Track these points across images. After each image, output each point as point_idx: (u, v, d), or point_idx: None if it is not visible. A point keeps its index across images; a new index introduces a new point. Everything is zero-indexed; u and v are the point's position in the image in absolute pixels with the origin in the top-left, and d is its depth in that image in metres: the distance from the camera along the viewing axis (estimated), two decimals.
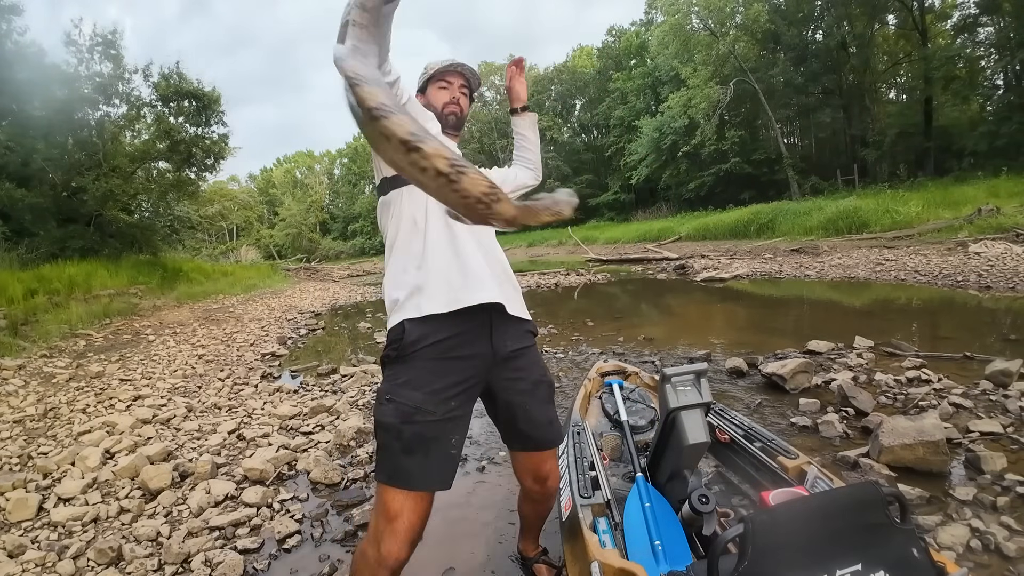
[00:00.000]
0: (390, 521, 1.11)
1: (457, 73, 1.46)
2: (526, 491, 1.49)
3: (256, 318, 8.47)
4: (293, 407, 3.43)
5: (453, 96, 1.45)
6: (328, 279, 18.75)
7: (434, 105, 1.43)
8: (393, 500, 1.11)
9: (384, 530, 1.11)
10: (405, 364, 1.15)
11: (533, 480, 1.42)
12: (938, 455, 2.07)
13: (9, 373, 4.72)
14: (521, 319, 1.30)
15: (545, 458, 1.39)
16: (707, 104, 23.07)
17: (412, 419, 1.11)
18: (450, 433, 1.15)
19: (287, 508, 2.20)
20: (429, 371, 1.14)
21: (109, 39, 12.42)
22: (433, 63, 1.48)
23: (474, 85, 1.50)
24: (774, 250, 13.02)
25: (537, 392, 1.33)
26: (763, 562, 0.87)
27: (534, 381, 1.33)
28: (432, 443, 1.12)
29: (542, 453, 1.38)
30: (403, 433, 1.11)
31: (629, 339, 5.05)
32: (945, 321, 5.14)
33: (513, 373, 1.28)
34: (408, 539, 1.12)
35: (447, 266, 1.20)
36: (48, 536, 2.06)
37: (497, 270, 1.28)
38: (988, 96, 20.53)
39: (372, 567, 1.13)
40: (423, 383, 1.13)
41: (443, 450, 1.14)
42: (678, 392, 1.44)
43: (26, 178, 11.06)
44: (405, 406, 1.12)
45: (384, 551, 1.10)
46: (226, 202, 33.49)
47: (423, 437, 1.11)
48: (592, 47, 39.99)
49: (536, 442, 1.36)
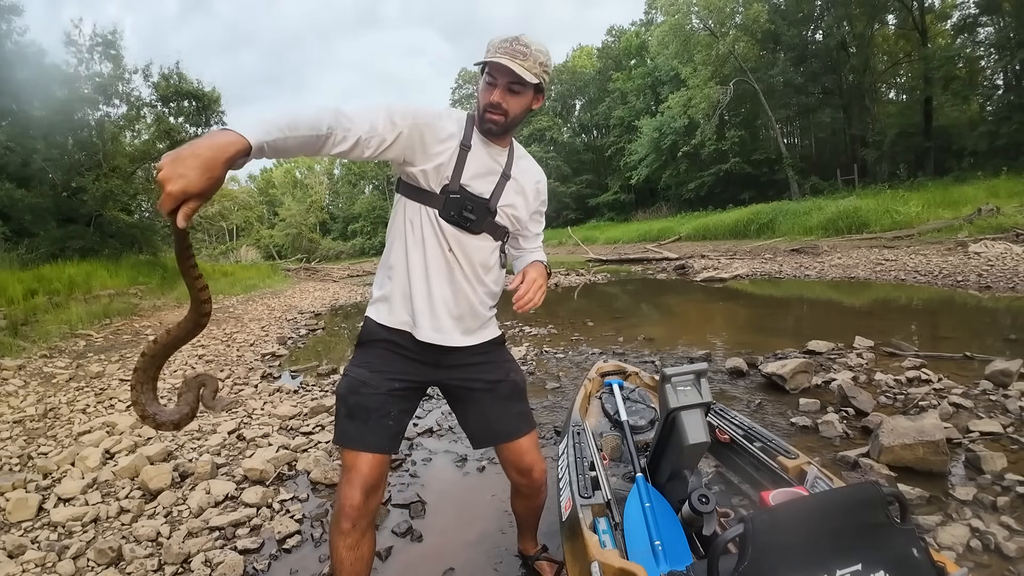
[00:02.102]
0: (345, 472, 1.26)
1: (505, 68, 1.15)
2: (514, 485, 1.53)
3: (256, 318, 8.47)
4: (293, 407, 3.43)
5: (494, 99, 1.19)
6: (328, 279, 18.74)
7: (479, 102, 1.23)
8: (345, 456, 1.28)
9: (343, 481, 1.25)
10: (363, 349, 1.33)
11: (517, 473, 1.45)
12: (938, 455, 2.07)
13: (9, 373, 4.72)
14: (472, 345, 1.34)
15: (524, 450, 1.42)
16: (707, 104, 23.08)
17: (357, 391, 1.27)
18: (390, 407, 1.28)
19: (287, 508, 2.20)
20: (379, 357, 1.31)
21: (109, 39, 12.43)
22: (494, 39, 1.19)
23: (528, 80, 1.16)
24: (774, 250, 13.02)
25: (497, 390, 1.38)
26: (763, 562, 0.87)
27: (492, 381, 1.37)
28: (372, 412, 1.26)
29: (519, 444, 1.41)
30: (348, 401, 1.28)
31: (629, 339, 5.05)
32: (945, 321, 5.14)
33: (464, 373, 1.36)
34: (361, 486, 1.22)
35: (413, 293, 1.27)
36: (48, 536, 2.06)
37: (463, 309, 1.30)
38: (988, 96, 20.54)
39: (335, 519, 1.25)
40: (372, 365, 1.29)
41: (382, 421, 1.27)
42: (678, 392, 1.44)
43: (26, 178, 11.05)
44: (354, 380, 1.29)
45: (343, 498, 1.23)
46: (226, 202, 33.52)
47: (363, 407, 1.26)
48: (592, 47, 40.01)
49: (504, 434, 1.40)
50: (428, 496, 2.25)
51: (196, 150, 0.80)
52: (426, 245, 1.26)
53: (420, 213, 1.25)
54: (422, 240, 1.26)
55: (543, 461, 1.49)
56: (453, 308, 1.28)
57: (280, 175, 60.60)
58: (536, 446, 1.46)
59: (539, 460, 1.46)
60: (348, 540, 1.23)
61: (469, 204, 1.24)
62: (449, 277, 1.27)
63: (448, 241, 1.25)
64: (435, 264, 1.26)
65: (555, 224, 34.36)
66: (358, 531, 1.23)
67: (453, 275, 1.27)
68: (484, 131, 1.25)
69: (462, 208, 1.23)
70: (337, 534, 1.23)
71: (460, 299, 1.29)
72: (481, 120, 1.23)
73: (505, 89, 1.19)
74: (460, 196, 1.23)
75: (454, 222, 1.24)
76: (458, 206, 1.23)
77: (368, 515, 1.25)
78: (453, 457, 2.65)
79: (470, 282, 1.29)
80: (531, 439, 1.43)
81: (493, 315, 1.41)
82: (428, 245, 1.25)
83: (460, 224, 1.25)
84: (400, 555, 1.87)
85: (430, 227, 1.25)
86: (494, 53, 1.16)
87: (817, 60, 23.62)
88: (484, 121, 1.22)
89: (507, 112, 1.20)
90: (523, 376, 1.47)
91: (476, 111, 1.26)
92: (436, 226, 1.25)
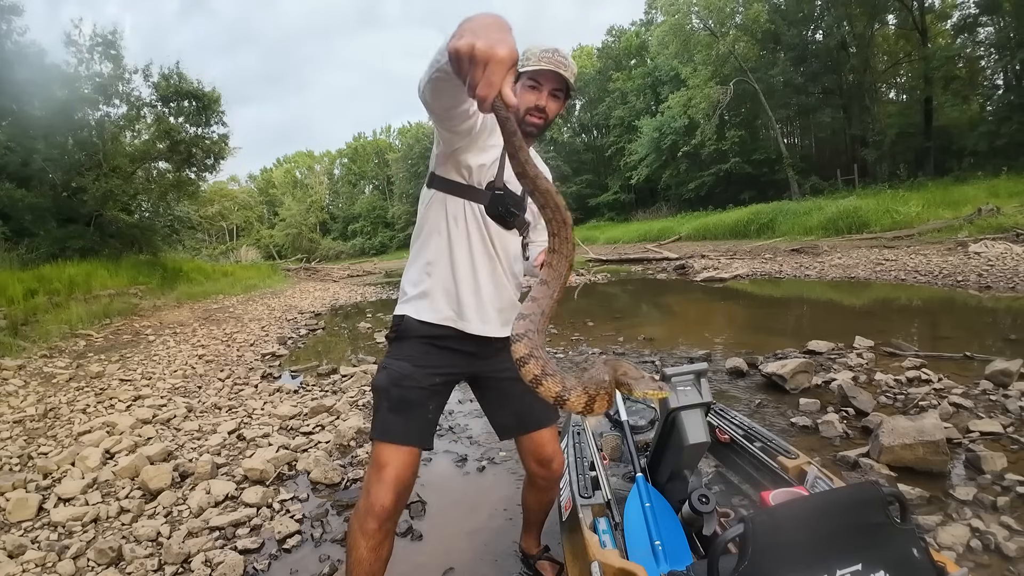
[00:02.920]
0: (379, 470, 1.22)
1: (552, 75, 1.27)
2: (531, 476, 1.53)
3: (256, 318, 8.47)
4: (293, 407, 3.43)
5: (540, 103, 1.29)
6: (328, 279, 18.75)
7: (517, 104, 1.27)
8: (382, 452, 1.23)
9: (373, 479, 1.22)
10: (401, 343, 1.32)
11: (537, 463, 1.46)
12: (938, 455, 2.07)
13: (9, 373, 4.72)
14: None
15: (546, 440, 1.43)
16: (707, 104, 23.07)
17: (400, 383, 1.26)
18: (429, 401, 1.29)
19: (287, 508, 2.21)
20: (420, 351, 1.30)
21: (109, 39, 12.44)
22: (534, 49, 1.28)
23: (571, 85, 1.31)
24: (774, 250, 13.01)
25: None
26: (763, 562, 0.87)
27: None
28: (415, 406, 1.26)
29: (542, 434, 1.42)
30: (391, 394, 1.26)
31: (629, 339, 5.05)
32: (945, 321, 5.14)
33: (499, 365, 1.37)
34: (394, 487, 1.20)
35: (460, 287, 1.29)
36: (48, 536, 2.06)
37: (505, 301, 1.34)
38: (988, 96, 20.53)
39: (361, 516, 1.21)
40: (413, 358, 1.29)
41: (422, 414, 1.27)
42: (678, 392, 1.44)
43: (26, 178, 11.06)
44: (396, 373, 1.28)
45: (372, 497, 1.20)
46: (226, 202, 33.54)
47: (407, 400, 1.26)
48: (592, 47, 39.97)
49: (534, 422, 1.41)
50: (428, 496, 2.25)
51: (477, 22, 0.68)
52: (471, 240, 1.29)
53: (464, 209, 1.28)
54: (467, 235, 1.28)
55: (562, 454, 1.50)
56: (496, 301, 1.32)
57: (280, 175, 60.62)
58: (556, 438, 1.48)
59: (559, 452, 1.48)
60: (372, 541, 1.20)
61: (512, 201, 1.29)
62: (492, 271, 1.31)
63: (492, 237, 1.30)
64: (481, 259, 1.30)
65: None
66: (383, 532, 1.21)
67: (495, 269, 1.32)
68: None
69: (508, 205, 1.28)
70: (361, 533, 1.20)
71: (502, 292, 1.33)
72: (521, 122, 1.28)
73: (549, 94, 1.29)
74: (504, 193, 1.28)
75: (499, 218, 1.29)
76: (504, 203, 1.28)
77: (396, 517, 1.24)
78: (453, 457, 2.65)
79: (507, 275, 1.35)
80: (553, 431, 1.46)
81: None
82: (473, 240, 1.29)
83: (503, 220, 1.30)
84: (400, 555, 1.86)
85: (475, 223, 1.28)
86: (538, 61, 1.26)
87: (817, 60, 23.61)
88: (525, 123, 1.29)
89: (548, 116, 1.31)
90: None
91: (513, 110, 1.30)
92: (481, 222, 1.29)
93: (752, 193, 22.36)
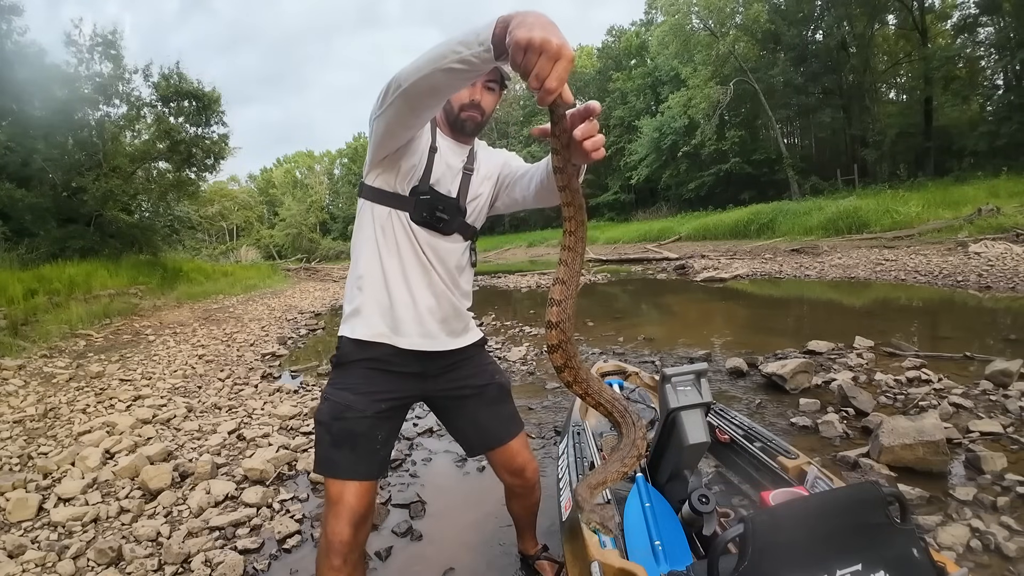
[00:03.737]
0: (332, 505, 1.18)
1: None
2: (507, 487, 1.52)
3: (256, 318, 8.47)
4: (293, 407, 3.43)
5: (475, 96, 1.20)
6: (328, 279, 18.74)
7: (451, 102, 1.21)
8: (332, 486, 1.19)
9: (329, 514, 1.18)
10: (343, 369, 1.24)
11: (510, 475, 1.44)
12: (938, 455, 2.07)
13: (9, 373, 4.72)
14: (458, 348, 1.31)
15: (516, 451, 1.40)
16: (707, 104, 23.08)
17: (342, 416, 1.19)
18: (376, 430, 1.22)
19: (287, 508, 2.21)
20: (363, 377, 1.23)
21: (109, 39, 12.45)
22: None
23: (504, 75, 1.22)
24: (774, 250, 13.01)
25: (485, 394, 1.36)
26: (763, 562, 0.87)
27: (479, 386, 1.35)
28: (360, 438, 1.19)
29: (509, 446, 1.39)
30: (332, 428, 1.20)
31: (629, 339, 5.05)
32: (945, 321, 5.14)
33: (452, 383, 1.32)
34: (350, 520, 1.16)
35: (393, 301, 1.22)
36: (48, 536, 2.06)
37: (447, 311, 1.27)
38: (988, 96, 20.53)
39: (324, 554, 1.18)
40: (356, 386, 1.22)
41: (369, 445, 1.21)
42: (678, 392, 1.44)
43: (26, 178, 11.07)
44: (337, 404, 1.21)
45: (330, 532, 1.17)
46: (226, 202, 33.57)
47: (351, 432, 1.19)
48: (592, 47, 39.97)
49: (498, 438, 1.38)
50: (428, 496, 2.25)
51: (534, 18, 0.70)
52: (400, 251, 1.22)
53: (391, 218, 1.22)
54: (396, 245, 1.22)
55: (535, 460, 1.48)
56: (437, 312, 1.25)
57: (280, 175, 60.65)
58: (526, 445, 1.46)
59: (531, 459, 1.45)
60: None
61: (440, 204, 1.22)
62: (428, 281, 1.24)
63: (421, 246, 1.23)
64: (413, 270, 1.23)
65: (555, 224, 34.34)
66: (349, 565, 1.18)
67: (432, 279, 1.24)
68: (460, 129, 1.24)
69: (434, 209, 1.21)
70: (328, 570, 1.17)
71: (443, 302, 1.26)
72: (456, 120, 1.22)
73: (483, 87, 1.20)
74: (431, 197, 1.21)
75: (427, 224, 1.22)
76: (430, 207, 1.21)
77: (359, 548, 1.20)
78: (453, 457, 2.65)
79: (447, 285, 1.27)
80: (521, 439, 1.43)
81: (471, 315, 1.40)
82: (403, 250, 1.22)
83: (432, 226, 1.22)
84: (400, 555, 1.87)
85: (403, 232, 1.22)
86: None
87: (817, 60, 23.62)
88: (461, 120, 1.22)
89: (484, 110, 1.22)
90: (507, 378, 1.46)
91: (446, 114, 1.24)
92: (408, 230, 1.22)
93: (752, 193, 22.37)
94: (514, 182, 1.31)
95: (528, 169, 1.28)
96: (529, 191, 1.25)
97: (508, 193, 1.33)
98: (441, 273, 1.26)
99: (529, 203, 1.30)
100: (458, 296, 1.30)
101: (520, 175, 1.29)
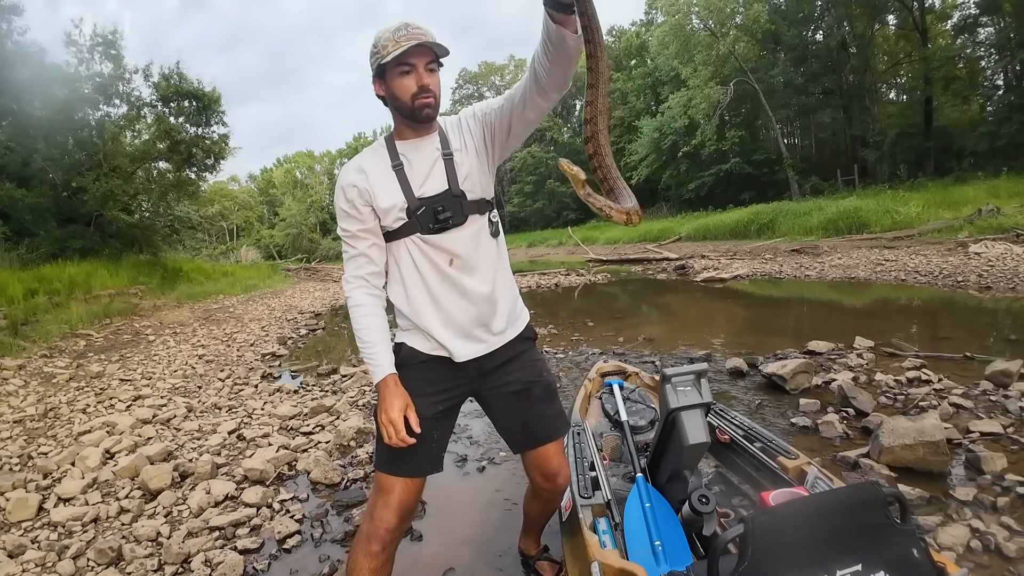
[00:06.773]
0: (384, 495, 1.22)
1: (423, 49, 1.13)
2: (536, 488, 1.49)
3: (256, 318, 8.47)
4: (293, 407, 3.43)
5: (422, 82, 1.15)
6: (328, 279, 18.73)
7: (399, 98, 1.17)
8: (386, 479, 1.24)
9: (377, 502, 1.23)
10: (402, 371, 1.26)
11: (542, 477, 1.41)
12: (938, 455, 2.07)
13: (9, 373, 4.73)
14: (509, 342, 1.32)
15: (552, 454, 1.38)
16: (707, 104, 23.06)
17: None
18: (433, 430, 1.26)
19: (287, 508, 2.21)
20: (420, 379, 1.27)
21: (109, 39, 12.45)
22: (383, 36, 1.13)
23: (440, 53, 1.17)
24: (774, 250, 13.01)
25: (532, 391, 1.34)
26: (763, 562, 0.87)
27: (527, 382, 1.34)
28: (417, 438, 1.20)
29: (547, 448, 1.37)
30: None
31: (629, 339, 5.05)
32: (945, 321, 5.14)
33: (501, 379, 1.33)
34: (399, 510, 1.22)
35: (430, 327, 1.25)
36: (48, 536, 2.06)
37: (484, 310, 1.25)
38: (988, 96, 20.51)
39: (364, 539, 1.22)
40: (414, 388, 1.24)
41: (426, 444, 1.24)
42: (678, 392, 1.44)
43: (26, 178, 11.07)
44: None
45: (376, 518, 1.21)
46: (226, 202, 33.56)
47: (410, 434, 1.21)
48: None
49: (544, 436, 1.37)
50: (428, 496, 2.25)
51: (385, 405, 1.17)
52: (423, 274, 1.23)
53: (403, 248, 1.23)
54: (416, 271, 1.24)
55: (568, 467, 1.45)
56: (476, 315, 1.25)
57: (280, 175, 60.62)
58: (562, 451, 1.43)
59: (565, 465, 1.42)
60: (375, 563, 1.20)
61: (438, 206, 1.20)
62: (460, 291, 1.24)
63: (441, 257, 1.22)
64: (438, 288, 1.23)
65: (555, 224, 34.34)
66: (386, 554, 1.22)
67: (463, 285, 1.23)
68: (419, 119, 1.19)
69: (435, 214, 1.20)
70: (364, 554, 1.20)
71: (480, 302, 1.25)
72: (412, 111, 1.17)
73: (425, 70, 1.16)
74: (425, 207, 1.20)
75: (437, 229, 1.20)
76: (431, 215, 1.20)
77: (399, 538, 1.24)
78: (453, 457, 2.64)
79: (477, 278, 1.25)
80: (559, 444, 1.41)
81: (517, 297, 1.37)
82: (424, 273, 1.23)
83: (444, 227, 1.20)
84: (400, 555, 1.85)
85: (419, 253, 1.22)
86: (396, 44, 1.11)
87: (817, 60, 23.60)
88: (417, 110, 1.17)
89: (433, 92, 1.17)
90: (553, 376, 1.44)
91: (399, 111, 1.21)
92: (422, 249, 1.22)
93: (752, 193, 22.34)
94: (509, 109, 1.20)
95: (514, 90, 1.18)
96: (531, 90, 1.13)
97: (510, 120, 1.21)
98: (464, 271, 1.23)
99: (539, 101, 1.14)
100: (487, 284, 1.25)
101: (509, 98, 1.19)
